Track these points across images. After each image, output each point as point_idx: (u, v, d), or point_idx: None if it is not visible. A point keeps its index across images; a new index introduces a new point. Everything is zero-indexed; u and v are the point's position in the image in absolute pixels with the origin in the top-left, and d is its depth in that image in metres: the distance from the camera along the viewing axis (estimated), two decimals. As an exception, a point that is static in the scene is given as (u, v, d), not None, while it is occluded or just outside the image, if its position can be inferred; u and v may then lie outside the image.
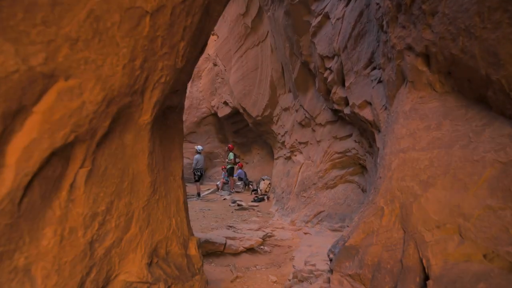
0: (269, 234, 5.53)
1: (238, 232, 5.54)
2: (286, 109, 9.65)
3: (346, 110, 4.58)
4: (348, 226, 4.89)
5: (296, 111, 8.24)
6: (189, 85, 17.99)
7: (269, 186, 10.87)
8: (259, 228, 5.87)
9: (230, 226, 5.97)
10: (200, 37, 1.77)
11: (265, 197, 9.76)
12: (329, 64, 5.27)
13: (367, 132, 4.09)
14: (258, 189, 11.18)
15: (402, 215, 1.91)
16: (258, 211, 7.93)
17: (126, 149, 1.47)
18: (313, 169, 6.28)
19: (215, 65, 17.24)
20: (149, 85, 1.43)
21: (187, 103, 17.47)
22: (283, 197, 7.65)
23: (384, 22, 2.80)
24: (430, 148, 1.90)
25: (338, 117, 5.83)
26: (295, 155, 7.97)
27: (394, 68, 2.58)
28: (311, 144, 6.94)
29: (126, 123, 1.44)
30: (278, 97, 10.55)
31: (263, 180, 11.13)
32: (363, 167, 4.96)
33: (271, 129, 11.57)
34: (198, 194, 11.75)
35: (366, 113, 3.67)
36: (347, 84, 4.28)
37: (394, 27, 2.46)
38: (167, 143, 2.00)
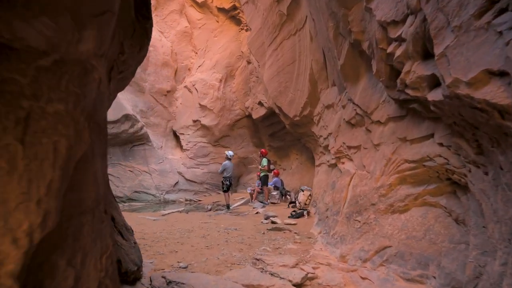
0: (310, 275, 3.95)
1: (266, 271, 4.02)
2: (329, 107, 7.99)
3: (434, 95, 2.89)
4: (435, 278, 3.17)
5: (343, 107, 6.57)
6: (221, 85, 16.86)
7: (309, 198, 9.21)
8: (296, 264, 4.30)
9: (257, 259, 4.46)
10: None
11: (305, 212, 8.13)
12: (396, 32, 3.61)
13: (480, 129, 2.39)
14: (297, 202, 9.55)
15: None
16: (295, 232, 6.33)
17: None
18: (370, 183, 4.60)
19: (249, 62, 16.00)
20: None
21: (219, 104, 16.37)
22: (327, 217, 5.99)
23: None
24: None
25: (407, 110, 4.14)
26: (343, 163, 6.28)
27: None
28: (365, 148, 5.25)
29: None
30: (319, 93, 8.93)
31: (302, 191, 9.48)
32: (457, 185, 3.23)
33: (311, 131, 9.95)
34: (228, 206, 10.37)
35: (490, 93, 2.00)
36: (438, 51, 2.60)
37: None
38: None
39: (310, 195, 9.28)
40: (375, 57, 4.44)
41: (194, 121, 16.66)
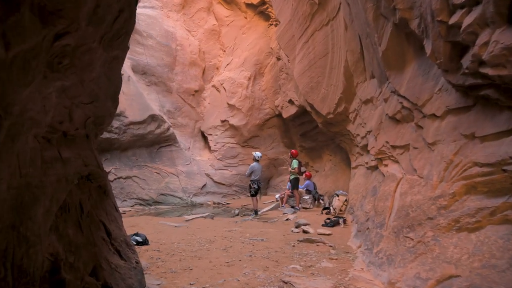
0: (350, 307, 3.16)
1: (296, 299, 3.28)
2: (367, 102, 7.10)
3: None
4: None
5: (385, 101, 5.68)
6: (250, 83, 16.23)
7: (345, 204, 8.32)
8: (333, 290, 3.52)
9: (285, 282, 3.71)
10: None
11: (341, 220, 7.26)
12: (463, -5, 2.74)
13: None
14: (331, 208, 8.67)
15: None
16: (330, 246, 5.51)
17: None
18: (424, 191, 3.72)
19: (278, 59, 15.29)
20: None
21: (248, 103, 15.78)
22: (368, 228, 5.14)
23: None
24: None
25: (474, 99, 3.25)
26: (386, 165, 5.40)
27: None
28: (415, 148, 4.36)
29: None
30: (355, 87, 8.05)
31: (337, 195, 8.58)
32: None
33: (346, 130, 9.05)
34: (255, 212, 9.67)
35: None
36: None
37: None
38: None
39: (346, 200, 8.38)
40: (430, 35, 3.58)
41: (222, 121, 16.17)
